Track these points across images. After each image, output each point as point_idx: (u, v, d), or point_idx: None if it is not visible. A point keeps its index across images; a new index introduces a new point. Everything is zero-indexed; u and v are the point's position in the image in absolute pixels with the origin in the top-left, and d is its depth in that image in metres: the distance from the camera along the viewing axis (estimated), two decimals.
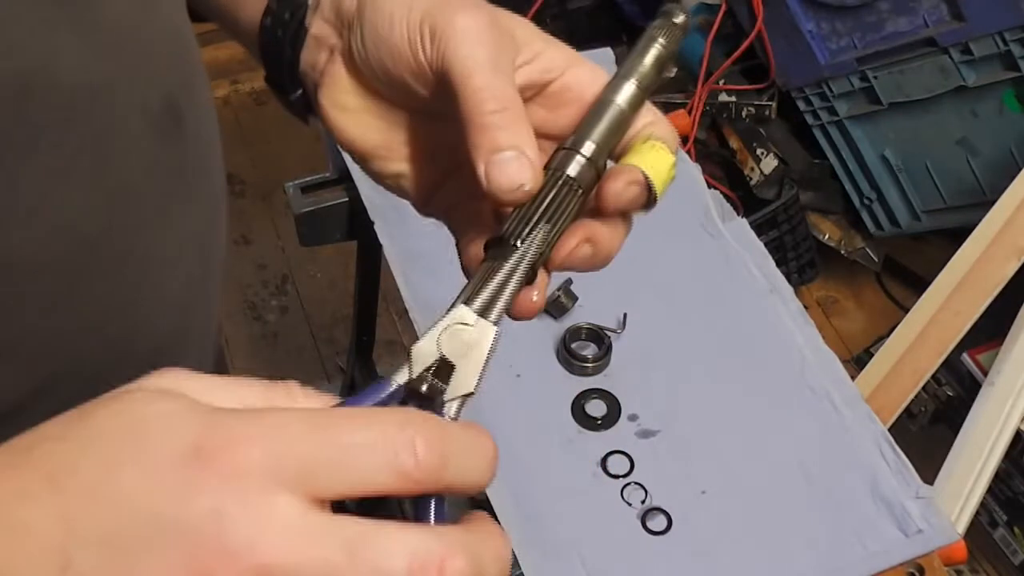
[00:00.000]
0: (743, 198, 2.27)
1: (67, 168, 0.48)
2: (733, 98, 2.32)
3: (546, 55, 0.50)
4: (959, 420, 1.66)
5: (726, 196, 1.57)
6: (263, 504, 0.34)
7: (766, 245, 1.40)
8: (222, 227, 0.64)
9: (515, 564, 1.08)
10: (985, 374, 1.72)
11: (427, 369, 0.41)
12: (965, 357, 1.84)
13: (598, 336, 1.27)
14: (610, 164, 0.50)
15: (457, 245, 0.54)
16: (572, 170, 0.48)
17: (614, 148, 0.50)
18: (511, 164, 0.45)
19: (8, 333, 0.49)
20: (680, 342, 1.28)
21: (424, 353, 0.41)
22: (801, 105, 2.28)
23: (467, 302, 0.43)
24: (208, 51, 3.05)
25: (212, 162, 0.61)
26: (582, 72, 0.50)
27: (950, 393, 1.90)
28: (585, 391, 1.23)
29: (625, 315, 1.29)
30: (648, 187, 0.48)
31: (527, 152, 0.46)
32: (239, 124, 2.73)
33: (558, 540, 1.10)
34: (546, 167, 0.48)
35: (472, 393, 0.41)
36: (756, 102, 2.31)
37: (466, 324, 0.42)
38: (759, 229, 1.86)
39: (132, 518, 0.34)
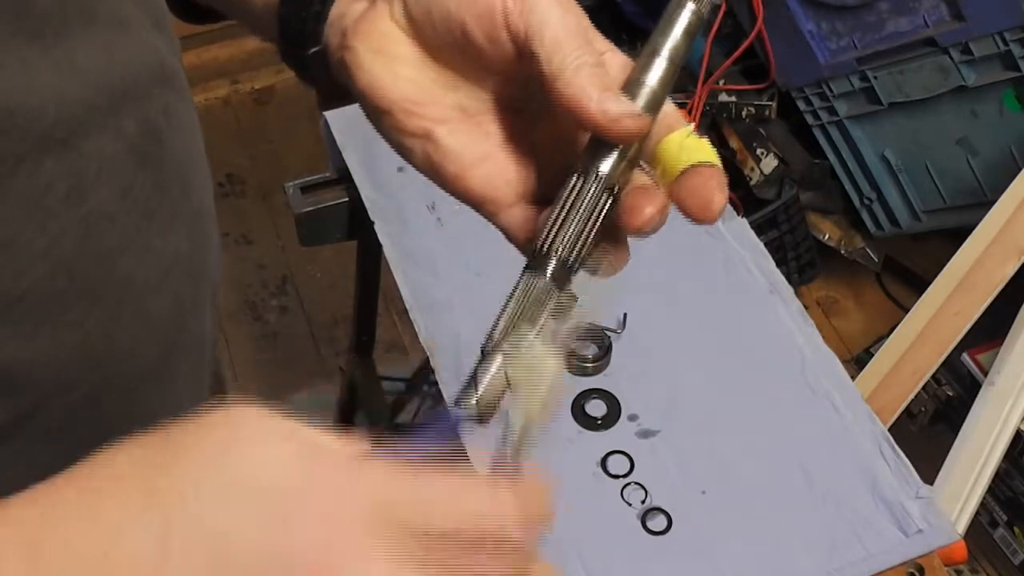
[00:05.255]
0: (743, 198, 2.27)
1: (41, 196, 0.48)
2: (733, 98, 2.32)
3: None
4: (959, 420, 1.66)
5: None
6: (367, 550, 0.33)
7: (766, 245, 1.40)
8: (212, 245, 0.63)
9: None
10: (985, 374, 1.72)
11: (493, 397, 0.41)
12: (965, 357, 1.84)
13: (598, 336, 1.27)
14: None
15: (496, 220, 0.51)
16: (605, 166, 0.45)
17: (649, 132, 0.47)
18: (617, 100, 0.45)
19: None
20: (680, 342, 1.27)
21: (487, 378, 0.41)
22: (801, 105, 2.27)
23: (517, 325, 0.43)
24: (208, 51, 3.04)
25: (195, 179, 0.60)
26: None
27: (950, 393, 1.90)
28: (585, 391, 1.23)
29: (625, 315, 1.28)
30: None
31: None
32: (239, 124, 2.73)
33: (558, 540, 1.10)
34: (577, 164, 0.46)
35: (542, 421, 0.41)
36: (756, 102, 2.31)
37: (525, 349, 0.42)
38: (759, 229, 1.85)
39: (235, 551, 0.33)
